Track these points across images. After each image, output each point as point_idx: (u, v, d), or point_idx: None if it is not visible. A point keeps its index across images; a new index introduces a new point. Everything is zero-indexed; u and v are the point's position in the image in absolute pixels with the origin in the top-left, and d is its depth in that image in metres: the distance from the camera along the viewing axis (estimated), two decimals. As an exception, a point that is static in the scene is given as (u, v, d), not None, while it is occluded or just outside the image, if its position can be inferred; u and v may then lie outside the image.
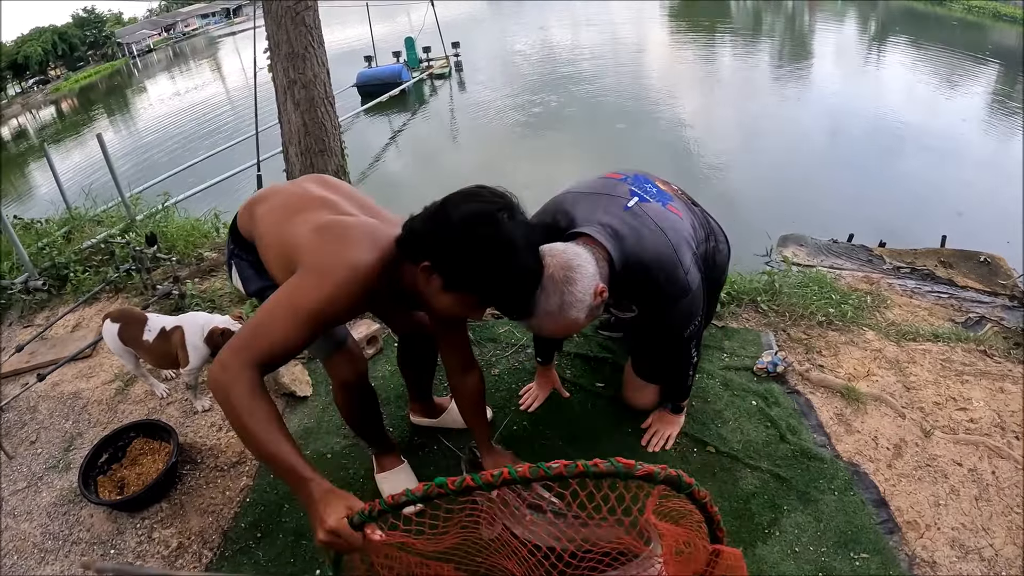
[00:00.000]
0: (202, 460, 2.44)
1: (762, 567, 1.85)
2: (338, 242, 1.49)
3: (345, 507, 1.18)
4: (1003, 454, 2.22)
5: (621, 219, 1.81)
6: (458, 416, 2.33)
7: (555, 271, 1.59)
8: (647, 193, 1.92)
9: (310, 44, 3.43)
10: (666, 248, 1.82)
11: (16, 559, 2.14)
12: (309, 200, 1.68)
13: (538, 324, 1.66)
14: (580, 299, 1.61)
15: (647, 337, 2.14)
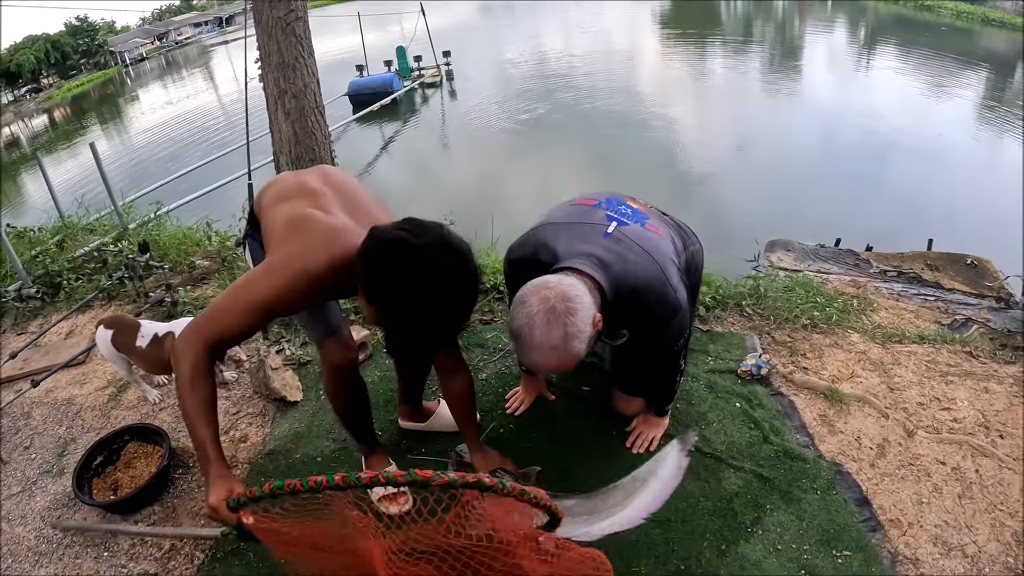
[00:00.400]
0: (194, 464, 2.45)
1: (745, 565, 1.88)
2: (297, 239, 1.59)
3: (227, 490, 1.41)
4: (987, 452, 2.26)
5: (604, 247, 1.81)
6: (445, 420, 2.38)
7: (556, 303, 1.59)
8: (623, 216, 1.93)
9: (300, 55, 3.47)
10: (653, 269, 1.83)
11: (11, 562, 2.16)
12: (299, 190, 1.77)
13: (542, 360, 1.65)
14: (582, 330, 1.61)
15: (631, 357, 2.15)
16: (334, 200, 1.74)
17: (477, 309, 3.16)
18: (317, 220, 1.62)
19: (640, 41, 23.20)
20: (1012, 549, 1.93)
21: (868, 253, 5.07)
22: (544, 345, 1.60)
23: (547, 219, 2.00)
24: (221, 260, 3.92)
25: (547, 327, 1.58)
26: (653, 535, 1.99)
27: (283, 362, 2.89)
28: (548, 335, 1.59)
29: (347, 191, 1.82)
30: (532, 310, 1.61)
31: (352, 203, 1.77)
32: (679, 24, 26.59)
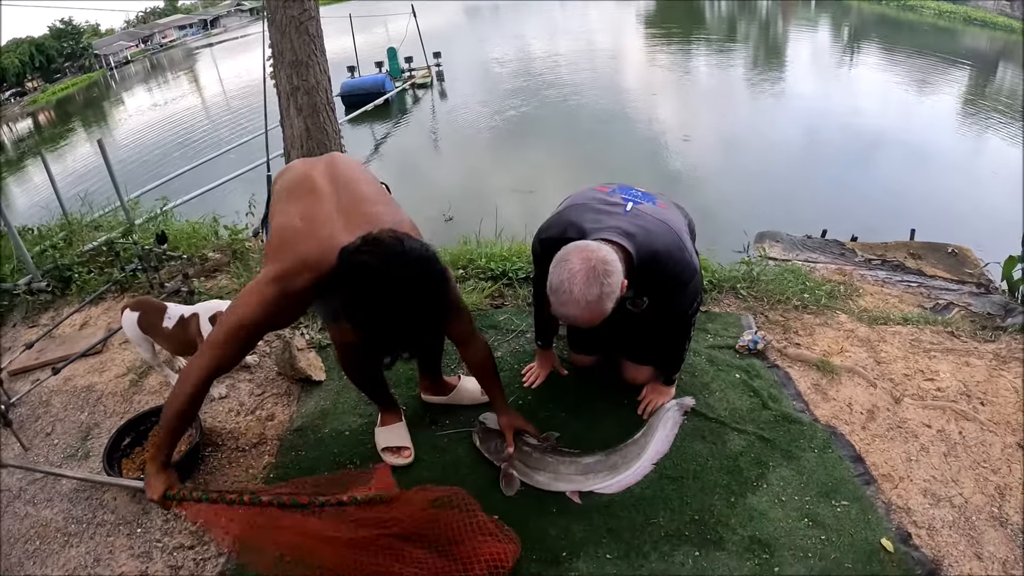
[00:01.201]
0: (223, 443, 2.55)
1: (753, 514, 2.03)
2: (280, 258, 1.71)
3: (165, 484, 1.75)
4: (969, 417, 2.42)
5: (627, 221, 2.00)
6: (466, 394, 2.54)
7: (596, 264, 1.77)
8: (636, 197, 2.13)
9: (313, 52, 3.57)
10: (672, 236, 2.03)
11: (39, 544, 2.20)
12: (302, 185, 1.90)
13: (576, 312, 1.80)
14: (614, 290, 1.80)
15: (647, 325, 2.29)
16: (332, 198, 1.84)
17: (489, 293, 3.30)
18: (301, 239, 1.72)
19: (624, 41, 23.37)
20: (996, 500, 2.10)
21: (853, 243, 5.23)
22: (581, 300, 1.77)
23: (572, 201, 2.19)
24: (232, 253, 4.01)
25: (586, 284, 1.75)
26: (668, 491, 2.14)
27: (306, 344, 3.00)
28: (587, 291, 1.76)
29: (350, 186, 1.90)
30: (575, 267, 1.77)
31: (352, 200, 1.85)
32: (663, 24, 26.78)
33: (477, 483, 2.21)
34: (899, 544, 1.93)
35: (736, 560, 1.90)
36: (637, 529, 2.01)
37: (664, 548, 1.94)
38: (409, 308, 1.54)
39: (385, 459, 2.33)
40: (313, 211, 1.79)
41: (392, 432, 2.39)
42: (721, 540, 1.96)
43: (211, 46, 45.57)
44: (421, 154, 12.71)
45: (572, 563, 1.92)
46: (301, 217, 1.78)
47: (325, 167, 1.97)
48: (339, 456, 2.40)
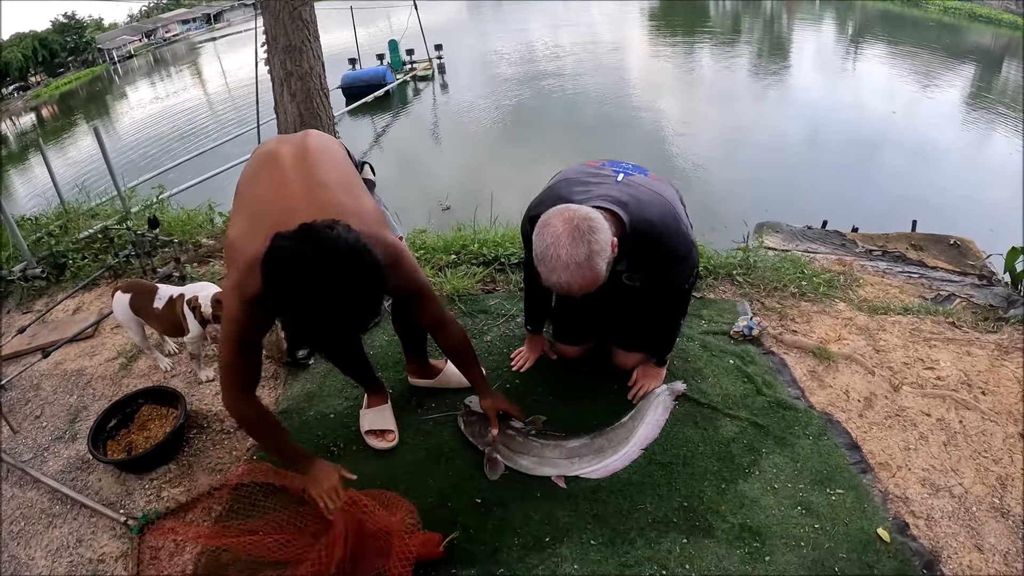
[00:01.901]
0: (208, 425, 2.53)
1: (744, 502, 1.99)
2: (233, 267, 1.65)
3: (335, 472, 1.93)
4: (969, 406, 2.37)
5: (618, 190, 1.94)
6: (453, 377, 2.49)
7: (579, 222, 1.69)
8: (626, 169, 2.07)
9: (307, 38, 3.52)
10: (666, 206, 1.96)
11: (23, 525, 2.21)
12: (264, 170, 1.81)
13: (567, 277, 1.71)
14: (604, 248, 1.71)
15: (640, 305, 2.23)
16: (294, 184, 1.72)
17: (481, 278, 3.27)
18: (248, 239, 1.59)
19: (629, 36, 23.31)
20: (997, 491, 2.05)
21: (854, 234, 5.18)
22: (571, 262, 1.68)
23: (560, 177, 2.13)
24: (226, 239, 3.98)
25: (572, 245, 1.67)
26: (657, 476, 2.09)
27: (294, 326, 2.96)
28: (574, 252, 1.67)
29: (315, 170, 1.78)
30: (557, 230, 1.70)
31: (312, 185, 1.73)
32: (666, 17, 26.72)
33: (461, 467, 2.19)
34: (896, 534, 1.89)
35: (725, 548, 1.86)
36: (623, 515, 1.97)
37: (651, 535, 1.90)
38: (329, 300, 1.40)
39: (368, 442, 2.31)
40: (270, 196, 1.70)
41: (377, 414, 2.37)
42: (710, 527, 1.92)
43: (214, 40, 45.58)
44: (421, 145, 12.72)
45: (556, 548, 1.89)
46: (253, 210, 1.71)
47: (295, 147, 1.85)
48: (323, 439, 2.37)
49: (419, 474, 2.17)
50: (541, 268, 1.76)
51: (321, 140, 1.97)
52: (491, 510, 2.01)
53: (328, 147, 1.95)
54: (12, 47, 42.12)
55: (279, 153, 1.82)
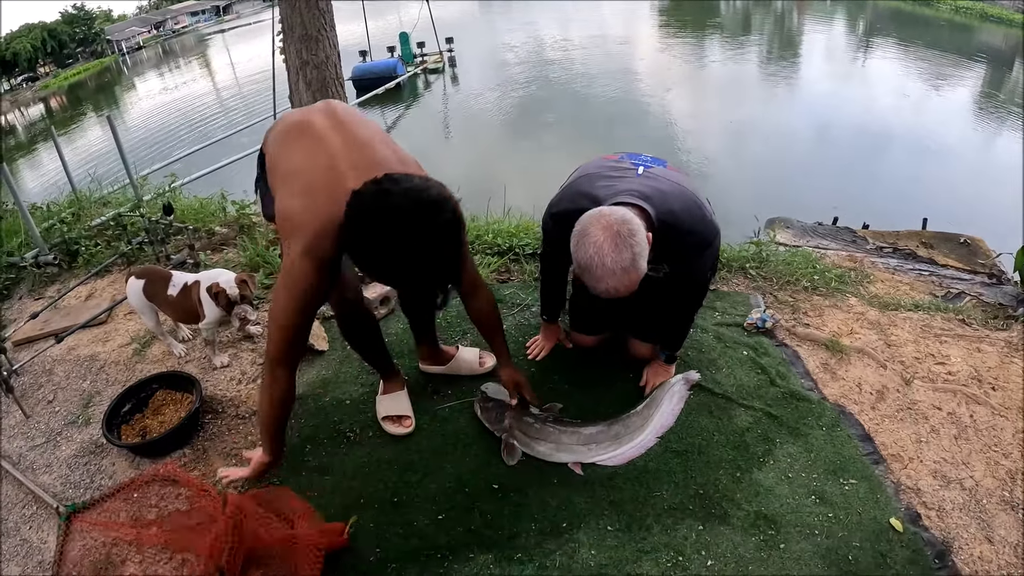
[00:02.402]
0: (223, 410, 2.54)
1: (759, 490, 2.01)
2: (291, 236, 1.65)
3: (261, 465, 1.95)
4: (980, 401, 2.38)
5: (640, 184, 1.93)
6: (464, 364, 2.53)
7: (618, 227, 1.67)
8: (645, 162, 2.07)
9: (323, 27, 3.55)
10: (689, 195, 1.97)
11: (35, 509, 2.21)
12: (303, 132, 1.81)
13: (614, 283, 1.70)
14: (644, 248, 1.70)
15: (659, 296, 2.20)
16: (337, 144, 1.74)
17: (496, 268, 3.28)
18: (312, 204, 1.64)
19: (639, 32, 23.26)
20: (1007, 485, 2.06)
21: (864, 231, 5.18)
22: (616, 269, 1.67)
23: (581, 172, 2.13)
24: (239, 227, 4.00)
25: (616, 251, 1.66)
26: (672, 464, 2.11)
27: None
28: (619, 258, 1.66)
29: (352, 129, 1.81)
30: (598, 238, 1.67)
31: (356, 144, 1.76)
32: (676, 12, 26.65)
33: (478, 453, 2.20)
34: (908, 524, 1.90)
35: (741, 535, 1.87)
36: (640, 502, 1.99)
37: (667, 521, 1.92)
38: (431, 248, 1.47)
39: (386, 428, 2.32)
40: (318, 162, 1.71)
41: (393, 400, 2.38)
42: (726, 515, 1.93)
43: (223, 32, 45.64)
44: (432, 138, 12.75)
45: (573, 534, 1.90)
46: (304, 180, 1.70)
47: (324, 114, 1.86)
48: (339, 424, 2.38)
49: (436, 460, 2.19)
50: (586, 277, 1.73)
51: (344, 105, 2.00)
52: (508, 495, 2.03)
53: (353, 110, 1.99)
54: (21, 38, 42.19)
55: (311, 122, 1.82)
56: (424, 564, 1.84)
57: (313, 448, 2.29)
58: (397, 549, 1.89)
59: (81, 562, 1.97)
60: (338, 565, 1.86)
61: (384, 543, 1.92)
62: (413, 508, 2.02)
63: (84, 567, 1.95)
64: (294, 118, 1.91)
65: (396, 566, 1.85)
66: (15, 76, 41.61)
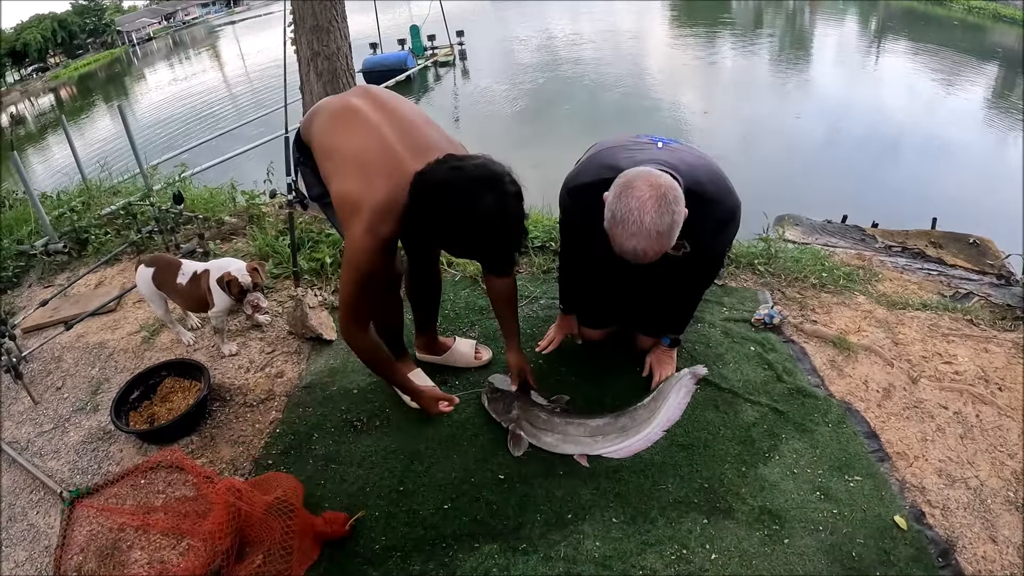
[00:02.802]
0: (231, 398, 2.56)
1: (764, 485, 2.01)
2: (352, 216, 1.74)
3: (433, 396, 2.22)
4: (986, 401, 2.37)
5: (665, 155, 1.88)
6: (459, 356, 2.56)
7: (666, 190, 1.64)
8: (663, 140, 2.03)
9: (334, 18, 3.56)
10: (714, 168, 1.94)
11: (43, 495, 2.23)
12: (350, 120, 1.87)
13: (644, 243, 1.65)
14: (681, 219, 1.67)
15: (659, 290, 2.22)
16: (387, 128, 1.83)
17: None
18: (371, 185, 1.73)
19: (650, 28, 23.19)
20: (1012, 485, 2.04)
21: (873, 229, 5.15)
22: (653, 230, 1.63)
23: (599, 147, 2.09)
24: (249, 217, 4.01)
25: (658, 213, 1.62)
26: (679, 458, 2.11)
27: (318, 304, 3.00)
28: (659, 220, 1.63)
29: (397, 113, 1.89)
30: (643, 194, 1.64)
31: (405, 127, 1.85)
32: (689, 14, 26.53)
33: (484, 444, 2.22)
34: (913, 522, 1.90)
35: (745, 529, 1.88)
36: (645, 494, 1.99)
37: (672, 514, 1.92)
38: (509, 212, 1.61)
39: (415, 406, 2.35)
40: (371, 144, 1.79)
41: (416, 379, 2.38)
42: (730, 509, 1.94)
43: (233, 24, 45.68)
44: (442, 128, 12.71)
45: (578, 525, 1.91)
46: (360, 162, 1.78)
47: (365, 98, 1.95)
48: (346, 413, 2.40)
49: (443, 449, 2.20)
50: (619, 230, 1.68)
51: (381, 89, 2.07)
52: (514, 486, 2.04)
53: (391, 92, 2.06)
54: (32, 28, 42.31)
55: (357, 107, 1.90)
56: (429, 553, 1.86)
57: (320, 437, 2.31)
58: (403, 538, 1.91)
59: (87, 547, 1.99)
60: (343, 553, 1.88)
61: (390, 532, 1.93)
62: (419, 497, 2.03)
63: (90, 552, 1.97)
64: (337, 104, 1.97)
65: (401, 555, 1.86)
66: (26, 67, 41.76)
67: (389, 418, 2.35)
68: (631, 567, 1.78)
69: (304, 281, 3.19)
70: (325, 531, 1.88)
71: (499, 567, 1.80)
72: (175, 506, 2.08)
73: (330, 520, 1.90)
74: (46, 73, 40.98)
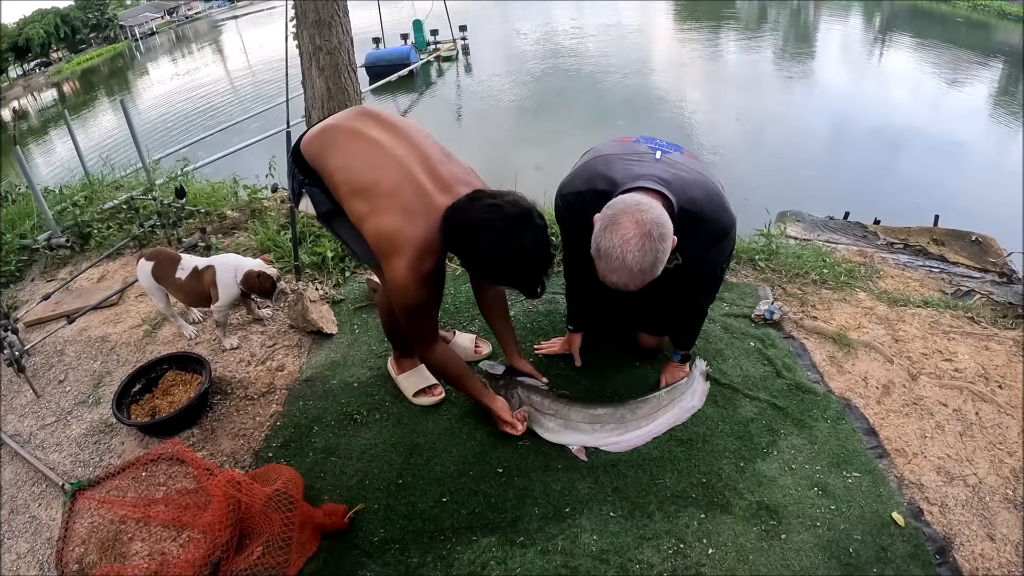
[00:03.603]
0: (232, 391, 2.57)
1: (762, 480, 2.02)
2: (393, 254, 1.80)
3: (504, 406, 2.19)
4: (986, 398, 2.38)
5: (660, 169, 1.86)
6: (459, 350, 2.58)
7: (651, 228, 1.63)
8: (662, 147, 2.01)
9: (336, 13, 3.56)
10: (709, 183, 1.92)
11: (44, 487, 2.25)
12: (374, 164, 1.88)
13: (626, 279, 1.68)
14: (667, 253, 1.68)
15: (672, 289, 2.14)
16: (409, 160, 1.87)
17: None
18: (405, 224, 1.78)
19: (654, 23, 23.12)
20: (1011, 483, 2.05)
21: (876, 226, 5.13)
22: (634, 267, 1.64)
23: (595, 153, 2.07)
24: (251, 212, 4.02)
25: (641, 252, 1.63)
26: (676, 452, 2.12)
27: (319, 298, 3.00)
28: (641, 260, 1.63)
29: (418, 145, 1.93)
30: (628, 234, 1.63)
31: (425, 159, 1.90)
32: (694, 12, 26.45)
33: (483, 437, 2.23)
34: (910, 519, 1.90)
35: (742, 524, 1.88)
36: (643, 488, 2.00)
37: (669, 509, 1.93)
38: (539, 245, 1.72)
39: (419, 402, 2.40)
40: (400, 179, 1.83)
41: (417, 375, 2.43)
42: (728, 504, 1.94)
43: (236, 18, 45.64)
44: (444, 126, 12.73)
45: (575, 519, 1.92)
46: (395, 193, 1.81)
47: (380, 127, 1.96)
48: (346, 406, 2.41)
49: (442, 442, 2.21)
50: (601, 263, 1.71)
51: (390, 114, 2.10)
52: (512, 479, 2.05)
53: (401, 119, 2.09)
54: (34, 23, 42.24)
55: (377, 140, 1.91)
56: (427, 546, 1.87)
57: (320, 430, 2.32)
58: (401, 530, 1.92)
59: (88, 539, 2.01)
60: (342, 545, 1.89)
61: (388, 524, 1.94)
62: (418, 490, 2.04)
63: (91, 544, 1.99)
64: (349, 129, 1.96)
65: (399, 547, 1.87)
66: (28, 61, 41.69)
67: (389, 411, 2.37)
68: (628, 561, 1.79)
69: (305, 275, 3.21)
70: (324, 523, 1.90)
71: (496, 560, 1.81)
72: (176, 498, 2.10)
73: (329, 512, 1.92)
74: (49, 68, 40.90)
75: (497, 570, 1.80)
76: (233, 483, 1.92)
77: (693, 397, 2.30)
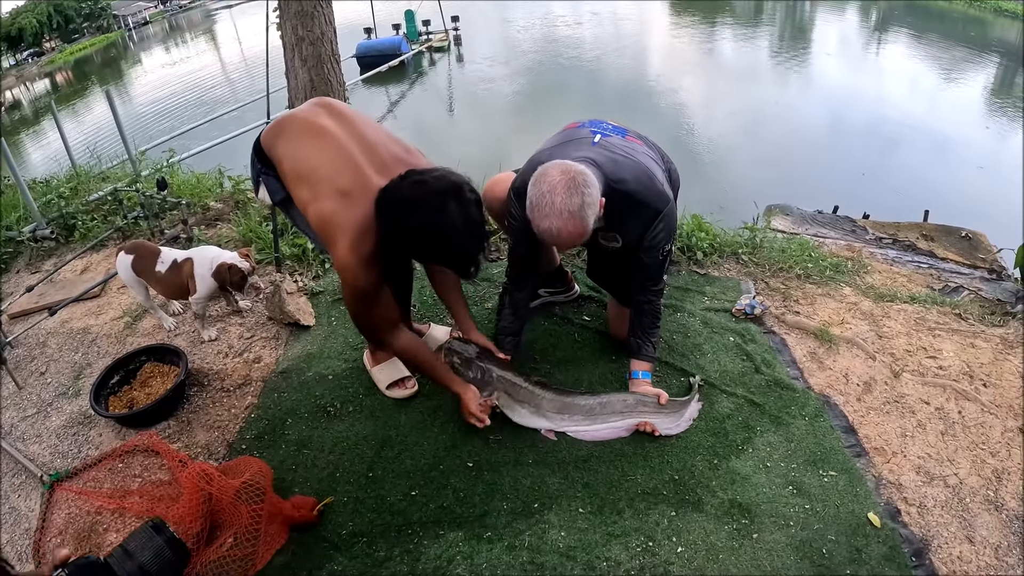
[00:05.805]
0: (208, 383, 2.56)
1: (735, 478, 2.00)
2: (335, 237, 1.81)
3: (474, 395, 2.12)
4: (970, 397, 2.36)
5: (594, 152, 1.98)
6: (435, 342, 2.57)
7: (575, 175, 1.76)
8: (605, 130, 2.11)
9: (318, 3, 3.53)
10: (639, 166, 2.00)
11: (24, 478, 2.25)
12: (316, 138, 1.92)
13: (558, 224, 1.77)
14: (594, 201, 1.79)
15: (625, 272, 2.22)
16: (353, 146, 1.90)
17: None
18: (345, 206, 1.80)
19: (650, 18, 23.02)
20: (992, 484, 2.04)
21: (865, 221, 5.12)
22: (564, 210, 1.75)
23: (541, 148, 2.16)
24: (235, 203, 3.99)
25: (567, 194, 1.74)
26: (648, 448, 2.10)
27: (297, 290, 2.98)
28: (568, 201, 1.74)
29: (361, 131, 1.97)
30: (554, 179, 1.76)
31: (369, 145, 1.93)
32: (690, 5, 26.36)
33: (454, 431, 2.22)
34: (887, 520, 1.89)
35: (713, 523, 1.87)
36: (613, 485, 1.99)
37: (639, 506, 1.92)
38: (469, 219, 1.72)
39: (392, 394, 2.39)
40: (341, 164, 1.86)
41: (391, 367, 2.41)
42: (700, 502, 1.93)
43: (230, 8, 45.28)
44: (435, 116, 12.73)
45: (544, 515, 1.91)
46: (335, 177, 1.84)
47: (331, 116, 1.99)
48: (320, 399, 2.40)
49: (414, 435, 2.20)
50: (534, 215, 1.81)
51: (339, 103, 2.13)
52: (482, 474, 2.03)
53: (350, 108, 2.13)
54: (27, 13, 41.94)
55: (324, 127, 1.95)
56: (395, 539, 1.86)
57: (294, 422, 2.31)
58: (369, 524, 1.91)
59: (65, 529, 2.01)
60: (311, 538, 1.89)
61: (357, 517, 1.93)
62: (387, 484, 2.04)
63: (68, 535, 1.99)
64: (305, 123, 2.00)
65: (367, 540, 1.86)
66: (21, 51, 41.41)
67: (362, 404, 2.35)
68: (595, 558, 1.78)
69: (285, 267, 3.18)
70: (293, 516, 1.90)
71: (463, 555, 1.80)
72: (150, 490, 2.11)
73: (298, 505, 1.92)
74: (41, 58, 40.60)
75: (463, 565, 1.79)
76: (203, 476, 1.91)
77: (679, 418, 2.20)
